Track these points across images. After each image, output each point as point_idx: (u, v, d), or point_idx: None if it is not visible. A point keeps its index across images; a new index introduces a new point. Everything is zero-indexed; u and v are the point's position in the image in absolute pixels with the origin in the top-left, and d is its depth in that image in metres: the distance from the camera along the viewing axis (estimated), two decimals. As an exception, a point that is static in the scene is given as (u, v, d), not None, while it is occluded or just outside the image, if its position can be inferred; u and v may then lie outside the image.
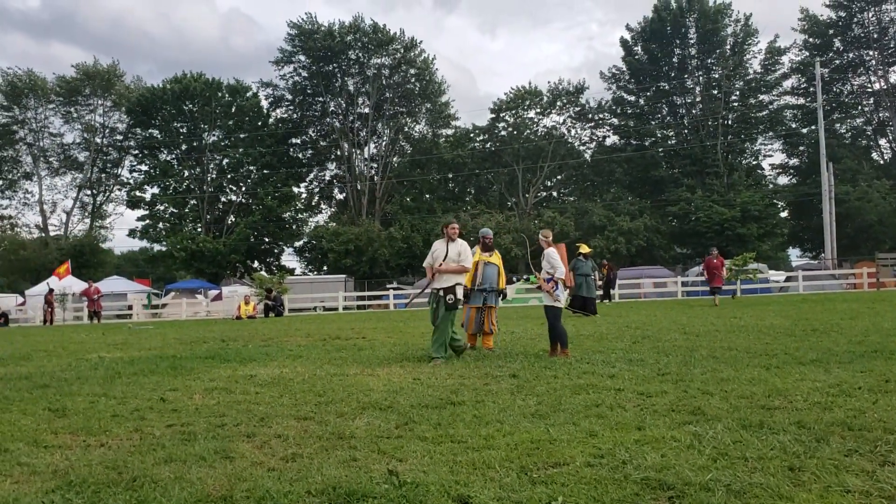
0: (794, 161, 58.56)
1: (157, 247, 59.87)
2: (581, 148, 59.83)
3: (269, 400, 7.15)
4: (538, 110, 57.56)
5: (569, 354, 9.83)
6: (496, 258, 11.61)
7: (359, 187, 57.41)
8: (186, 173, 58.86)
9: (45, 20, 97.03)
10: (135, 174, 60.92)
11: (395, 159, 59.03)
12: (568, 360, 9.43)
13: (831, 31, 53.70)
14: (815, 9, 55.74)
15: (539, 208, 55.77)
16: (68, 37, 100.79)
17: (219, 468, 4.62)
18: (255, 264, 59.86)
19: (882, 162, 55.54)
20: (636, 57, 56.05)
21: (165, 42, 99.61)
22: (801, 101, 55.22)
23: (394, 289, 40.96)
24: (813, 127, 48.75)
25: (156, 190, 58.85)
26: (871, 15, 52.51)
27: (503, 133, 57.83)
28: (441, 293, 9.92)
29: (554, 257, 9.93)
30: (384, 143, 59.14)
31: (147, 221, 58.23)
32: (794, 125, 56.43)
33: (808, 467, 4.08)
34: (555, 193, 62.59)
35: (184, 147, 58.66)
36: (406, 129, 59.69)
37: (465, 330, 11.31)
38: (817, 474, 3.95)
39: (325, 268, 54.41)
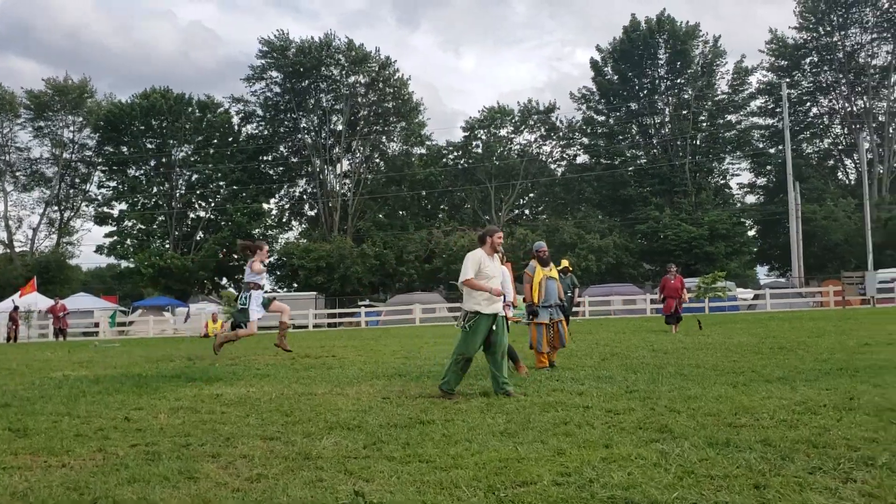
0: (761, 180, 59.49)
1: (124, 263, 59.18)
2: (552, 166, 60.33)
3: (235, 419, 7.06)
4: (510, 129, 58.00)
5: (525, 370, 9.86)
6: (555, 272, 11.28)
7: (330, 204, 57.22)
8: (155, 189, 58.34)
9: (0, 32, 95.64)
10: (103, 190, 60.29)
11: (368, 176, 58.97)
12: (526, 377, 9.46)
13: (800, 52, 54.75)
14: (783, 30, 56.82)
15: (511, 225, 56.01)
16: (23, 49, 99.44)
17: (183, 489, 4.54)
18: (224, 281, 59.30)
19: (848, 182, 56.60)
20: (606, 77, 56.69)
21: (125, 56, 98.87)
22: (770, 121, 56.16)
23: (366, 306, 40.79)
24: (780, 147, 49.58)
25: (124, 206, 58.26)
26: (836, 39, 53.63)
27: (476, 151, 58.12)
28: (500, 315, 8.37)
29: (507, 280, 9.63)
30: (358, 159, 59.11)
31: (115, 238, 57.58)
32: (761, 145, 57.38)
33: (772, 485, 4.10)
34: (527, 211, 62.94)
35: (152, 163, 58.16)
36: (381, 147, 59.72)
37: (539, 349, 10.79)
38: (782, 492, 3.98)
39: (295, 285, 54.03)
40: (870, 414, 6.02)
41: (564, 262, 18.89)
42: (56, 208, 61.87)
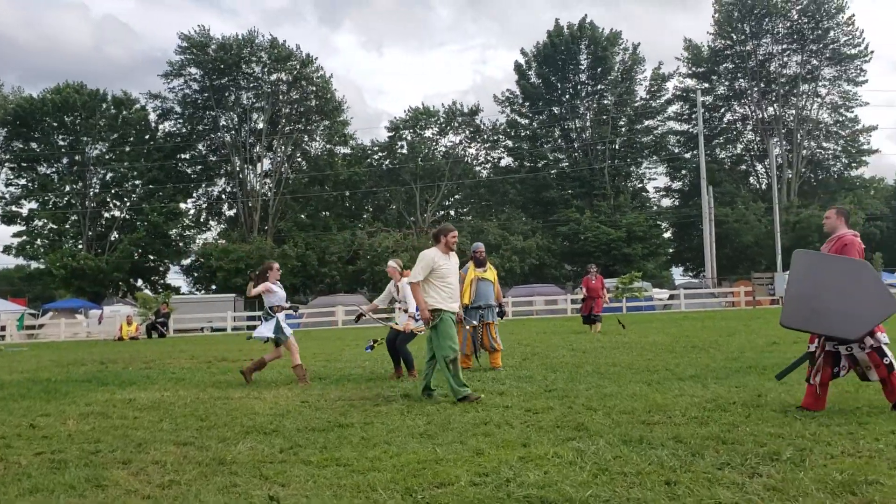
0: (676, 184, 61.22)
1: (34, 264, 56.82)
2: (477, 168, 60.74)
3: (148, 425, 6.87)
4: (435, 130, 58.17)
5: (416, 375, 9.76)
6: (490, 273, 11.07)
7: (250, 204, 56.21)
8: (67, 188, 56.18)
9: None
10: (11, 188, 57.66)
11: (290, 175, 58.15)
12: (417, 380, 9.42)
13: (716, 59, 56.58)
14: (701, 37, 58.68)
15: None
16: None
17: (90, 497, 4.41)
18: (140, 283, 57.60)
19: (759, 186, 58.78)
20: (530, 81, 57.43)
21: (33, 49, 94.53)
22: (686, 126, 57.84)
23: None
24: (695, 152, 51.15)
25: (34, 205, 55.89)
26: (749, 48, 55.63)
27: (402, 151, 58.03)
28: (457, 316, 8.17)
29: (407, 291, 9.53)
30: (279, 158, 58.19)
31: (24, 238, 55.18)
32: (677, 150, 59.09)
33: (682, 481, 4.21)
34: (452, 212, 63.19)
35: (65, 160, 56.03)
36: (303, 146, 58.98)
37: (462, 351, 10.39)
38: (691, 488, 4.08)
39: (213, 286, 52.87)
40: (776, 410, 6.25)
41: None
42: (-40, 206, 58.99)
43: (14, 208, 56.04)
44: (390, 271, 10.26)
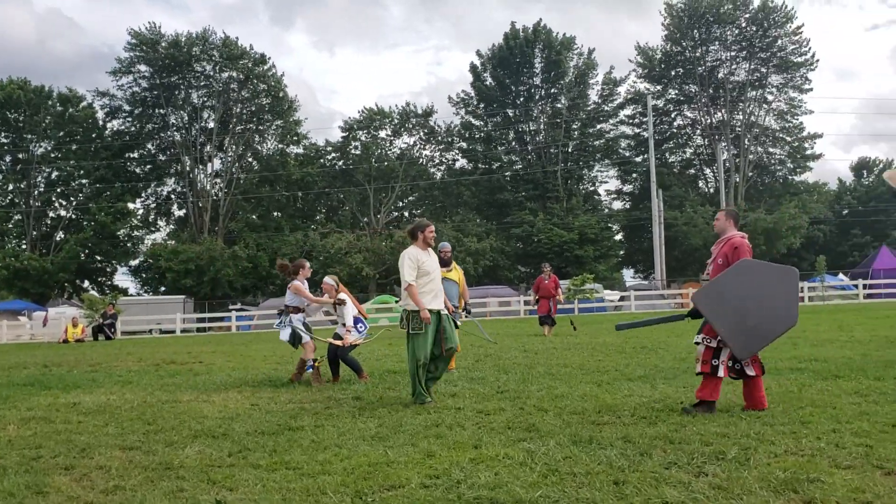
0: (627, 187, 62.04)
1: (-26, 265, 55.14)
2: (432, 170, 60.78)
3: (93, 429, 6.72)
4: (389, 131, 58.03)
5: (367, 379, 9.77)
6: (455, 273, 10.97)
7: (200, 204, 55.39)
8: (11, 186, 54.71)
9: None
10: (-49, 186, 55.98)
11: (241, 176, 57.44)
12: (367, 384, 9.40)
13: (668, 64, 57.43)
14: (653, 42, 59.47)
15: (390, 228, 56.00)
16: None
17: (29, 505, 4.28)
18: (86, 284, 56.35)
19: (707, 190, 59.87)
20: (485, 83, 57.67)
21: None
22: (637, 130, 58.63)
23: (237, 310, 39.73)
24: (646, 156, 51.92)
25: (-25, 203, 54.34)
26: (698, 54, 56.64)
27: (355, 152, 57.74)
28: (443, 312, 7.77)
29: (346, 310, 9.72)
30: (230, 158, 57.44)
31: (-36, 237, 53.65)
32: (628, 154, 59.90)
33: (631, 481, 4.26)
34: (406, 213, 63.16)
35: (8, 158, 54.55)
36: (254, 145, 58.31)
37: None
38: (639, 487, 4.14)
39: (162, 288, 51.99)
40: (722, 410, 6.37)
41: None
42: None
43: (-46, 207, 54.43)
44: (326, 287, 10.01)
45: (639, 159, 58.64)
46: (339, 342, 9.67)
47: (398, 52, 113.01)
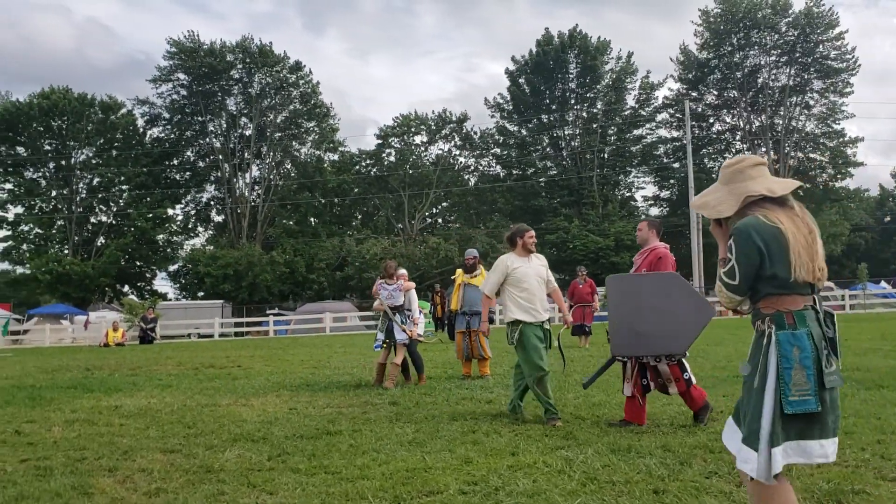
0: (665, 193, 61.45)
1: (19, 269, 56.41)
2: (466, 176, 60.85)
3: (135, 432, 6.83)
4: (424, 138, 58.24)
5: (425, 381, 9.90)
6: (481, 279, 10.75)
7: (239, 210, 56.07)
8: (54, 192, 55.89)
9: None
10: (-3, 192, 57.33)
11: (279, 182, 58.06)
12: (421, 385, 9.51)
13: (704, 69, 56.87)
14: (689, 45, 58.93)
15: (424, 234, 56.15)
16: None
17: (75, 506, 4.36)
18: (126, 289, 57.28)
19: (746, 197, 58.99)
20: (521, 88, 57.59)
21: (12, 52, 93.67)
22: (675, 133, 58.06)
23: (275, 315, 40.07)
24: (684, 161, 51.39)
25: (20, 209, 55.55)
26: (737, 59, 55.97)
27: (390, 159, 58.07)
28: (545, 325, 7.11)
29: (412, 297, 10.16)
30: (268, 164, 58.13)
31: (9, 242, 54.88)
32: (665, 160, 59.33)
33: (671, 490, 4.22)
34: (440, 220, 63.24)
35: (51, 165, 55.75)
36: (291, 152, 58.92)
37: (458, 357, 10.96)
38: (679, 497, 4.10)
39: (201, 293, 52.64)
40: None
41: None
42: (-56, 211, 58.57)
43: (0, 213, 55.75)
44: (402, 277, 10.27)
45: (676, 165, 58.09)
46: (414, 334, 9.86)
47: (429, 59, 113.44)
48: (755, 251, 2.87)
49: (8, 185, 56.12)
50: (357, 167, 58.79)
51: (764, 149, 55.12)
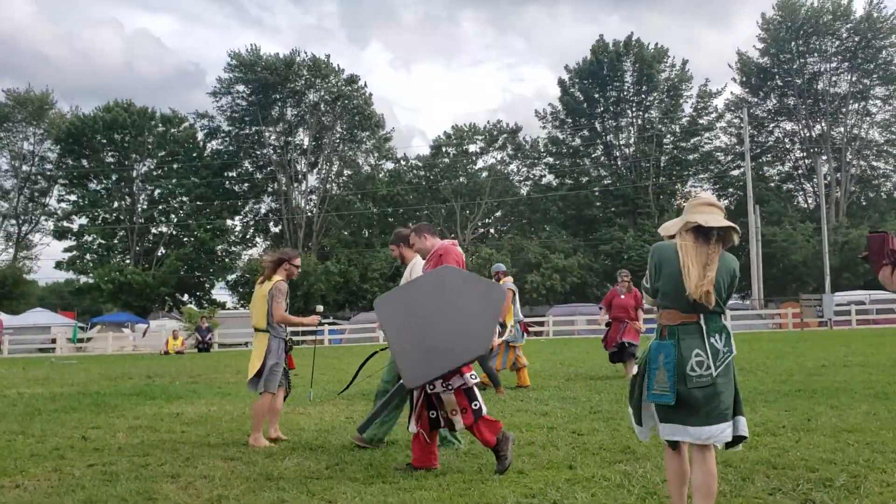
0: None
1: (83, 279, 58.05)
2: (518, 186, 60.70)
3: (196, 439, 6.97)
4: (476, 148, 58.31)
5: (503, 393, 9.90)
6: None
7: (295, 220, 56.91)
8: (116, 204, 57.52)
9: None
10: (63, 204, 59.18)
11: (334, 192, 58.77)
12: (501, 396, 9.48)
13: (763, 75, 55.88)
14: (751, 52, 58.00)
15: (477, 244, 56.15)
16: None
17: (140, 511, 4.47)
18: (185, 298, 58.50)
19: (806, 206, 57.70)
20: (573, 97, 57.25)
21: (65, 65, 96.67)
22: (733, 140, 57.06)
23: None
24: (741, 168, 50.46)
25: (84, 220, 57.29)
26: (796, 66, 54.85)
27: (442, 169, 58.28)
28: None
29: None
30: (323, 175, 58.94)
31: (74, 252, 56.56)
32: (723, 167, 58.33)
33: (733, 506, 4.14)
34: (492, 230, 63.16)
35: (114, 177, 57.39)
36: (347, 163, 59.63)
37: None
38: (742, 513, 4.02)
39: (258, 302, 53.36)
40: (827, 435, 6.11)
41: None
42: (14, 222, 60.67)
43: (65, 224, 57.52)
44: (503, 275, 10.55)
45: (734, 172, 57.07)
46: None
47: (473, 69, 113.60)
48: (652, 265, 3.76)
49: (73, 197, 57.95)
50: (409, 177, 59.20)
51: (824, 156, 53.75)
